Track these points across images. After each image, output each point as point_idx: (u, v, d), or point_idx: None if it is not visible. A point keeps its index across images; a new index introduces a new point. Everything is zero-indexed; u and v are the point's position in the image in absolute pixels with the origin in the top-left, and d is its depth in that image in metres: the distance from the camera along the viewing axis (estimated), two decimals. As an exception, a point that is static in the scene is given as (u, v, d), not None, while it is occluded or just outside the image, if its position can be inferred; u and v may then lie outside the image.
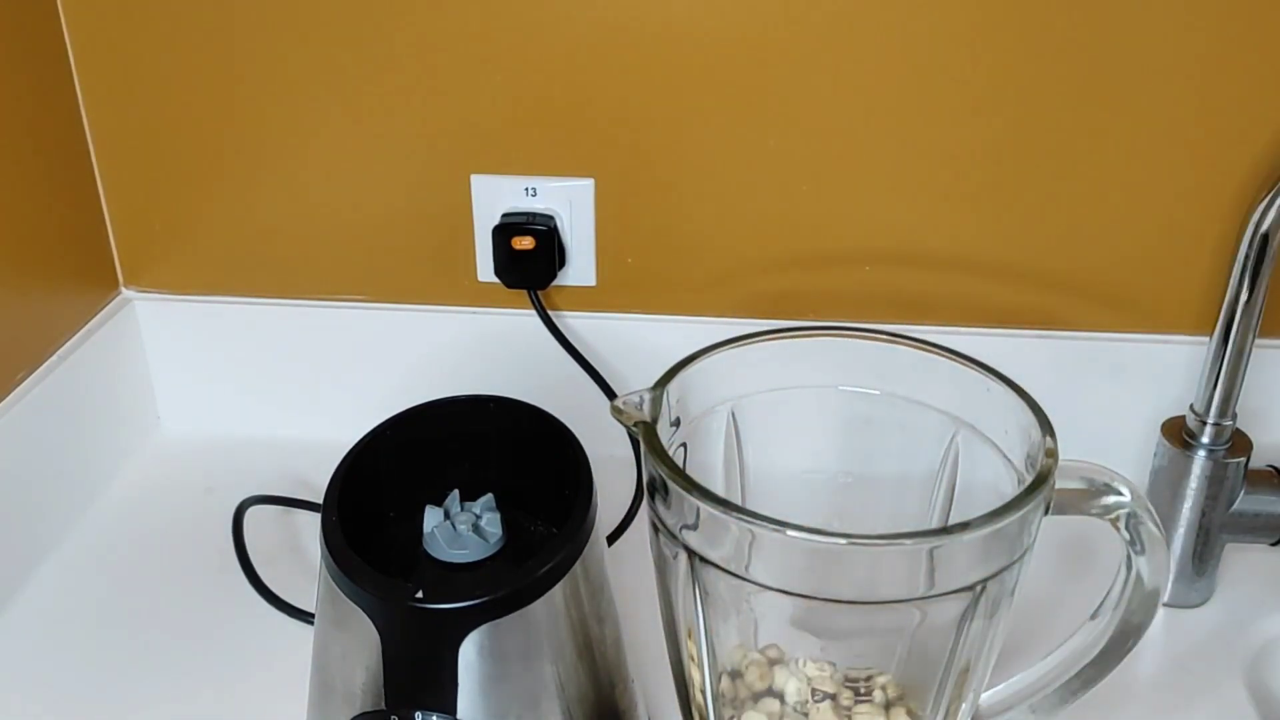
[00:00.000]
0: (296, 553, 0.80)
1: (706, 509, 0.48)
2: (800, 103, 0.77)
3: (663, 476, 0.49)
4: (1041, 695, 0.57)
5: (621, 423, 0.53)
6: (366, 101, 0.81)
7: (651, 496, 0.52)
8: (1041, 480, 0.48)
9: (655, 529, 0.53)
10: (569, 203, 0.82)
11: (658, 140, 0.80)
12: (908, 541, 0.45)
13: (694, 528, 0.49)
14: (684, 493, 0.48)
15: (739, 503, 0.49)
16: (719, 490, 0.51)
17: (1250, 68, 0.73)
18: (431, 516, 0.58)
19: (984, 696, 0.58)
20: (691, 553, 0.50)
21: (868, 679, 0.55)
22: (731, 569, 0.48)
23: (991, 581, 0.49)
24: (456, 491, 0.60)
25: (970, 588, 0.49)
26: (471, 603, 0.51)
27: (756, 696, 0.55)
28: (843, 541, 0.45)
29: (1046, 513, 0.50)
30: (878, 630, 0.55)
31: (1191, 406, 0.78)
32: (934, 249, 0.81)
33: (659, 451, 0.50)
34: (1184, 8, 0.72)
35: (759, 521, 0.46)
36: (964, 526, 0.46)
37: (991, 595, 0.50)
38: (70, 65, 0.82)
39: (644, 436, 0.51)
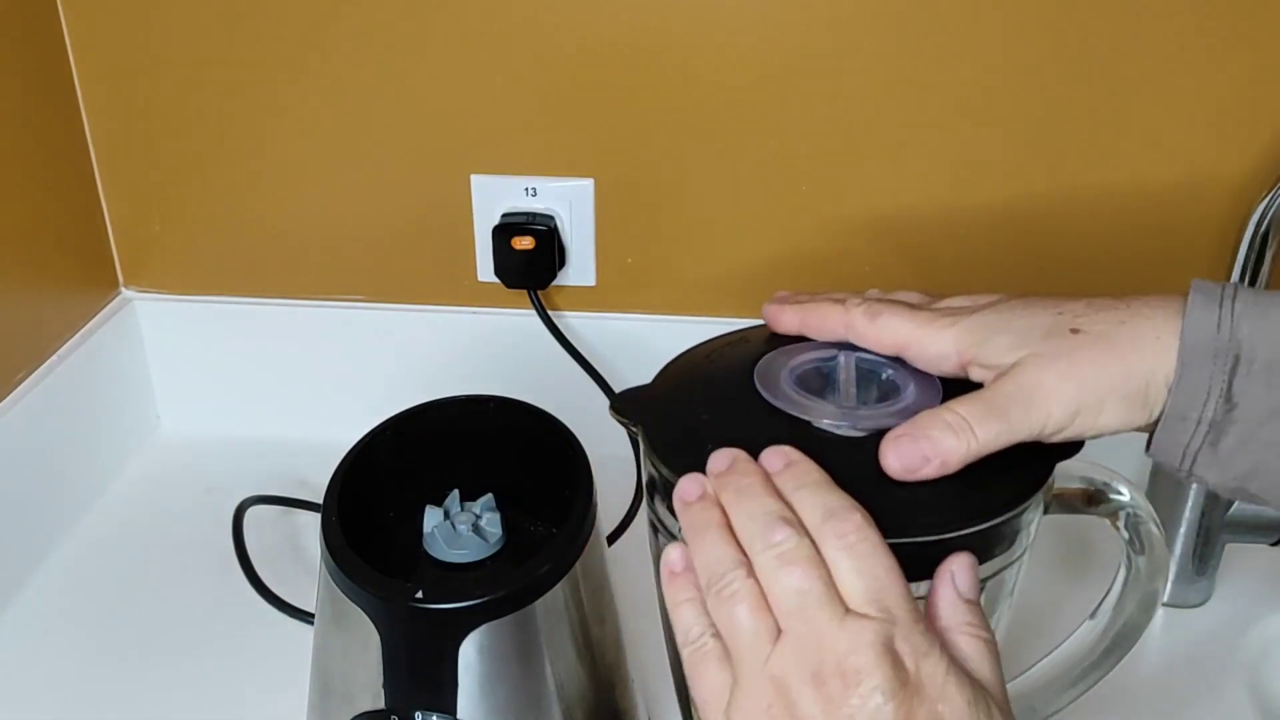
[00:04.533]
0: (296, 553, 0.80)
1: None
2: (800, 103, 0.77)
3: (663, 476, 0.49)
4: (1041, 695, 0.57)
5: (621, 423, 0.53)
6: (367, 101, 0.81)
7: (651, 497, 0.52)
8: (1041, 480, 0.48)
9: (655, 529, 0.53)
10: (569, 203, 0.82)
11: (658, 140, 0.80)
12: (907, 540, 0.45)
13: None
14: None
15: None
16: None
17: (1250, 68, 0.73)
18: (431, 516, 0.58)
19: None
20: None
21: None
22: None
23: (991, 581, 0.49)
24: (456, 491, 0.60)
25: None
26: (471, 603, 0.51)
27: None
28: None
29: (1046, 512, 0.50)
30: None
31: (1191, 406, 0.77)
32: (934, 250, 0.81)
33: (659, 451, 0.50)
34: (1183, 8, 0.72)
35: None
36: (964, 526, 0.46)
37: (990, 595, 0.50)
38: (70, 65, 0.82)
39: (644, 436, 0.51)
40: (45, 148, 0.81)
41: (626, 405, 0.53)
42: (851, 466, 0.47)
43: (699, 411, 0.51)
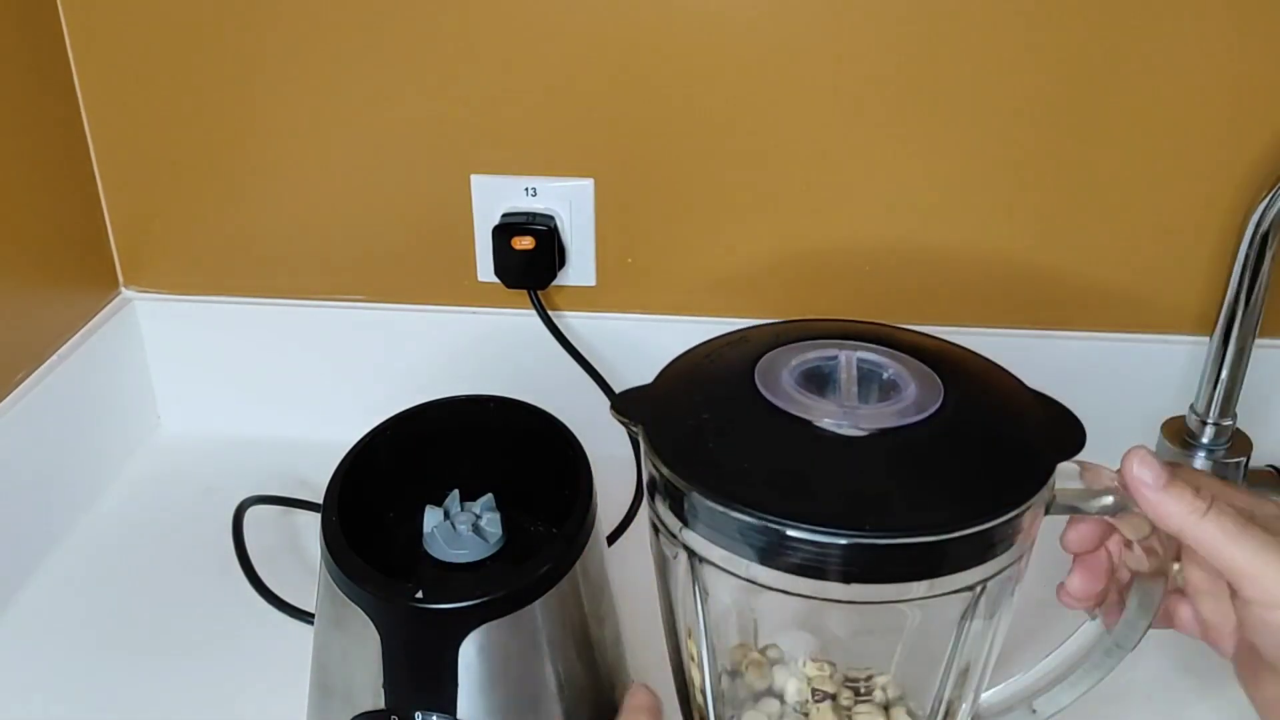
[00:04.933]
0: (296, 553, 0.80)
1: (706, 508, 0.48)
2: (801, 103, 0.77)
3: (663, 476, 0.49)
4: (1042, 695, 0.57)
5: (622, 423, 0.53)
6: (367, 102, 0.81)
7: (651, 496, 0.52)
8: (1041, 480, 0.48)
9: (655, 529, 0.53)
10: (569, 203, 0.82)
11: (658, 140, 0.80)
12: (908, 540, 0.45)
13: (693, 527, 0.49)
14: (683, 492, 0.48)
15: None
16: (719, 490, 0.51)
17: (1250, 68, 0.73)
18: (431, 516, 0.58)
19: (984, 696, 0.58)
20: (691, 553, 0.50)
21: (868, 679, 0.55)
22: (731, 569, 0.49)
23: (991, 581, 0.49)
24: (456, 491, 0.60)
25: (970, 588, 0.49)
26: (471, 603, 0.51)
27: (756, 696, 0.55)
28: (843, 540, 0.45)
29: (1047, 513, 0.50)
30: (877, 630, 0.55)
31: (1191, 406, 0.78)
32: (933, 249, 0.81)
33: (659, 451, 0.50)
34: (1184, 10, 0.72)
35: (759, 519, 0.46)
36: (965, 526, 0.46)
37: (991, 595, 0.50)
38: (70, 65, 0.82)
39: (644, 436, 0.51)
40: (45, 148, 0.80)
41: (627, 405, 0.53)
42: (852, 465, 0.47)
43: (699, 411, 0.51)
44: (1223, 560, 0.46)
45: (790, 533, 0.45)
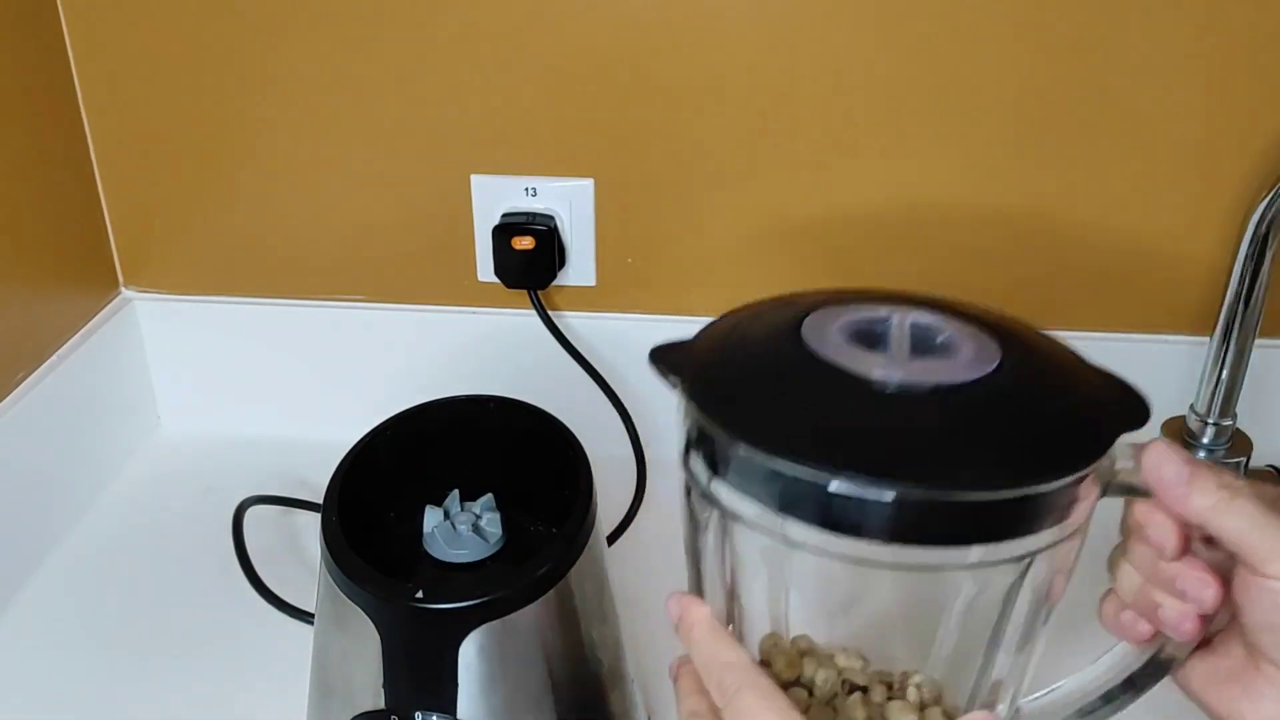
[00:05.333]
0: (296, 553, 0.80)
1: (747, 456, 0.44)
2: (801, 102, 0.77)
3: (700, 428, 0.46)
4: (1088, 702, 0.55)
5: (659, 373, 0.50)
6: (367, 102, 0.81)
7: (686, 454, 0.50)
8: (1102, 448, 0.45)
9: (688, 491, 0.50)
10: (569, 203, 0.82)
11: (658, 140, 0.80)
12: (957, 497, 0.42)
13: (728, 479, 0.46)
14: (721, 443, 0.45)
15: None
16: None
17: (1251, 69, 0.73)
18: (431, 516, 0.59)
19: (1026, 703, 0.55)
20: (724, 511, 0.47)
21: (903, 677, 0.54)
22: (767, 525, 0.45)
23: (1040, 558, 0.45)
24: (456, 491, 0.60)
25: (1017, 559, 0.45)
26: (471, 603, 0.51)
27: (784, 686, 0.54)
28: (888, 491, 0.42)
29: (1104, 494, 0.47)
30: (915, 615, 0.52)
31: (1191, 406, 0.78)
32: (935, 249, 0.81)
33: (697, 400, 0.46)
34: (1185, 9, 0.72)
35: (805, 466, 0.42)
36: (1018, 485, 0.43)
37: (1037, 576, 0.47)
38: (70, 65, 0.82)
39: (682, 386, 0.47)
40: (45, 148, 0.80)
41: (666, 356, 0.50)
42: (903, 419, 0.44)
43: (741, 362, 0.48)
44: (1248, 545, 0.45)
45: (833, 483, 0.42)
